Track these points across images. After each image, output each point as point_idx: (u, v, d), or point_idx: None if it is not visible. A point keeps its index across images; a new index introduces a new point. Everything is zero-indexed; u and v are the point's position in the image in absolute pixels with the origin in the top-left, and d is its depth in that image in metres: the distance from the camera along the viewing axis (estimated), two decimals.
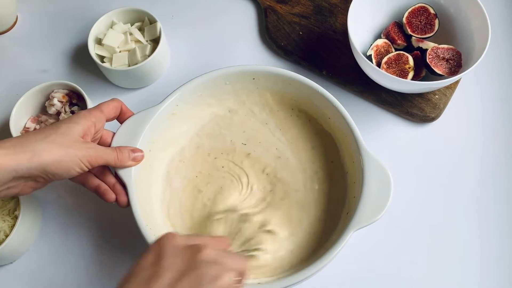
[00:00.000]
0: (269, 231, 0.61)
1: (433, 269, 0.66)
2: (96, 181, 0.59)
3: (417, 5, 0.76)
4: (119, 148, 0.59)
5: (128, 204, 0.59)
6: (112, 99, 0.61)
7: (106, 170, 0.60)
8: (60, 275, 0.67)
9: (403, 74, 0.72)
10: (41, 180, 0.54)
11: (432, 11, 0.75)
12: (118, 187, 0.59)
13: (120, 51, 0.77)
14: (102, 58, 0.77)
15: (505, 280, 0.66)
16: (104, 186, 0.59)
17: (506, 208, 0.70)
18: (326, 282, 0.65)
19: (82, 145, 0.54)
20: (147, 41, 0.78)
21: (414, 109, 0.75)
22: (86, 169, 0.55)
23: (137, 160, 0.60)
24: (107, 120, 0.60)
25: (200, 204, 0.65)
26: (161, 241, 0.46)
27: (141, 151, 0.61)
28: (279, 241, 0.61)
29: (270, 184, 0.66)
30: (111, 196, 0.58)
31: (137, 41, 0.78)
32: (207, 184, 0.66)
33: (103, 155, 0.56)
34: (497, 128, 0.75)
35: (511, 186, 0.71)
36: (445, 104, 0.75)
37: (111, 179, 0.59)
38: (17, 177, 0.51)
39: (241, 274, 0.46)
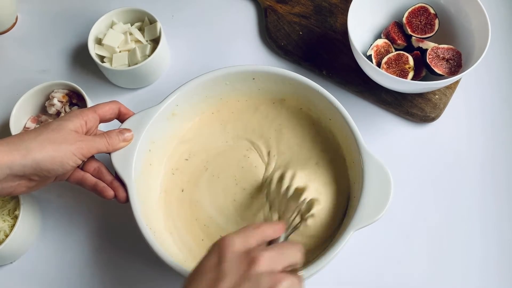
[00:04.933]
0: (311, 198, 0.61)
1: (433, 269, 0.66)
2: (93, 180, 0.59)
3: (417, 5, 0.76)
4: (107, 133, 0.59)
5: (127, 199, 0.59)
6: (110, 101, 0.61)
7: (102, 168, 0.60)
8: (60, 275, 0.67)
9: (403, 74, 0.72)
10: (35, 178, 0.54)
11: (432, 11, 0.75)
12: (116, 183, 0.59)
13: (120, 51, 0.77)
14: (102, 58, 0.77)
15: (506, 280, 0.66)
16: (101, 184, 0.59)
17: (507, 208, 0.70)
18: (325, 282, 0.65)
19: (73, 139, 0.55)
20: (147, 41, 0.78)
21: (414, 109, 0.75)
22: (80, 162, 0.56)
23: (127, 140, 0.60)
24: (102, 121, 0.61)
25: (229, 197, 0.65)
26: (222, 245, 0.45)
27: (129, 130, 0.61)
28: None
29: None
30: (110, 192, 0.59)
31: (137, 41, 0.78)
32: (219, 175, 0.66)
33: (94, 144, 0.57)
34: (497, 128, 0.75)
35: (511, 185, 0.71)
36: (445, 104, 0.75)
37: (108, 176, 0.60)
38: (11, 175, 0.52)
39: (297, 265, 0.47)
